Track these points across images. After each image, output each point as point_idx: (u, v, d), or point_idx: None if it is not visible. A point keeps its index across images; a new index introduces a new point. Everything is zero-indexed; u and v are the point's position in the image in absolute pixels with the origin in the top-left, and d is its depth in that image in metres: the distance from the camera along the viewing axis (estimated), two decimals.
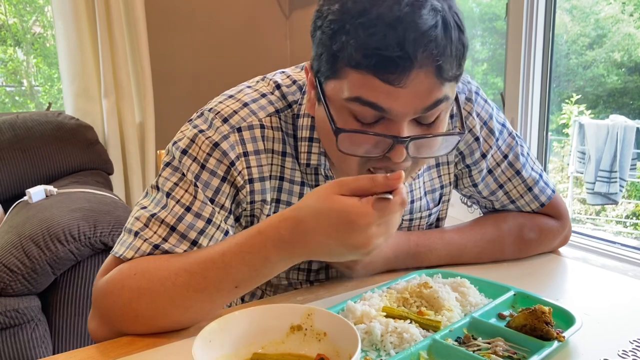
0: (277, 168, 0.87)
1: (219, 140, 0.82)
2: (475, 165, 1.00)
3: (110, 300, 0.76)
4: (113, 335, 0.75)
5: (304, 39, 3.10)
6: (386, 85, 0.68)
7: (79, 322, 1.68)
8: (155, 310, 0.73)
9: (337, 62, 0.70)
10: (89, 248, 1.62)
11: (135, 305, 0.73)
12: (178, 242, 0.78)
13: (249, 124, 0.84)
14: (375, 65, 0.67)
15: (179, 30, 2.87)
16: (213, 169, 0.81)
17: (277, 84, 0.90)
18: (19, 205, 1.93)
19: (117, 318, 0.75)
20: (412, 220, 1.01)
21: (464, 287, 0.81)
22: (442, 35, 0.67)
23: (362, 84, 0.69)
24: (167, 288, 0.72)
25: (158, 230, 0.78)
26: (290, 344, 0.61)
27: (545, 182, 1.04)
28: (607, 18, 3.16)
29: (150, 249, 0.78)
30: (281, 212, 0.70)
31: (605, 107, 3.25)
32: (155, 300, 0.73)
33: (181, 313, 0.74)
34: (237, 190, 0.84)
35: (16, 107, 2.85)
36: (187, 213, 0.79)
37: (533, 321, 0.69)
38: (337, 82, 0.72)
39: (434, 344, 0.67)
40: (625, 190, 3.21)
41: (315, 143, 0.86)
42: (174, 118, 2.07)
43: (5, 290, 1.54)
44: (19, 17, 2.74)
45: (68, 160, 2.25)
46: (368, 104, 0.70)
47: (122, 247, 0.80)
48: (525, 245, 1.02)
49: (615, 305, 0.84)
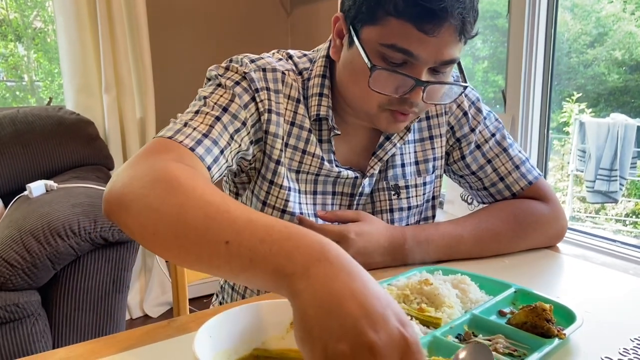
0: (290, 113, 0.97)
1: (248, 71, 0.93)
2: (465, 138, 1.08)
3: (150, 161, 0.72)
4: (112, 199, 0.69)
5: (305, 35, 3.09)
6: (420, 34, 0.81)
7: (79, 317, 1.69)
8: (160, 204, 0.64)
9: (378, 9, 0.82)
10: (89, 243, 1.62)
11: (157, 187, 0.66)
12: (222, 130, 0.87)
13: (272, 67, 0.96)
14: (417, 14, 0.79)
15: (180, 25, 2.86)
16: (246, 87, 0.92)
17: (289, 55, 1.03)
18: (19, 200, 1.93)
19: (132, 188, 0.68)
20: (409, 188, 1.06)
21: (464, 284, 0.81)
22: (465, 2, 0.81)
23: (398, 31, 0.82)
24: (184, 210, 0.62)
25: (204, 120, 0.86)
26: (291, 339, 0.60)
27: (532, 166, 1.10)
28: (608, 16, 3.15)
29: (201, 136, 0.83)
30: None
31: (606, 105, 3.25)
32: (169, 202, 0.64)
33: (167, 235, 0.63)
34: (259, 115, 0.93)
35: (17, 102, 2.85)
36: (225, 113, 0.89)
37: (534, 318, 0.68)
38: (374, 28, 0.84)
39: (435, 340, 0.67)
40: (625, 188, 3.21)
41: (324, 98, 0.96)
42: (175, 113, 2.06)
43: (6, 285, 1.54)
44: (20, 12, 2.74)
45: (68, 155, 2.25)
46: (401, 51, 0.83)
47: (171, 131, 0.82)
48: (520, 229, 1.03)
49: (616, 303, 0.84)
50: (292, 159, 0.97)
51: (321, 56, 0.99)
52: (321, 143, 0.98)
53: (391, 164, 1.04)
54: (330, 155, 0.99)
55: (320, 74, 0.97)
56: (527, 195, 1.08)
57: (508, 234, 1.02)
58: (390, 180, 1.04)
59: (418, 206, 1.08)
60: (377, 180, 1.04)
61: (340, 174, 0.99)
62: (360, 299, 0.45)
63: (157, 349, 0.69)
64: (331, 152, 0.99)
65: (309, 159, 0.98)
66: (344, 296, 0.46)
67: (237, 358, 0.58)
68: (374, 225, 0.95)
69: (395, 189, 1.05)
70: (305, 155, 0.97)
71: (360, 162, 1.03)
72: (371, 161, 1.01)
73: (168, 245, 0.63)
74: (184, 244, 0.61)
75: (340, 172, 0.99)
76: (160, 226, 0.63)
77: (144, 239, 0.66)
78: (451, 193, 2.18)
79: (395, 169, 1.04)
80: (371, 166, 1.01)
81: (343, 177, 1.00)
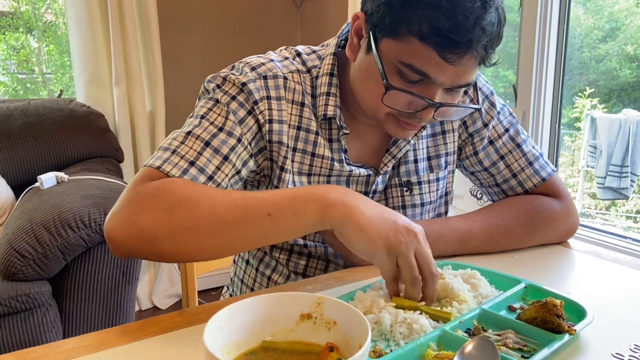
0: (295, 118, 0.95)
1: (247, 81, 0.90)
2: (478, 134, 1.06)
3: (154, 202, 0.77)
4: (132, 238, 0.76)
5: (314, 29, 3.08)
6: (441, 61, 0.79)
7: (89, 308, 1.70)
8: (192, 222, 0.76)
9: (401, 26, 0.80)
10: (100, 235, 1.64)
11: (177, 210, 0.76)
12: (211, 156, 0.85)
13: (274, 74, 0.93)
14: (441, 43, 0.77)
15: (190, 19, 2.86)
16: (242, 102, 0.90)
17: (297, 52, 1.00)
18: (30, 191, 1.95)
19: (151, 220, 0.76)
20: (421, 184, 1.05)
21: (474, 279, 0.80)
22: (496, 31, 0.80)
23: (419, 53, 0.80)
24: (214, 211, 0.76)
25: (194, 145, 0.85)
26: (299, 332, 0.61)
27: (546, 161, 1.08)
28: (621, 11, 3.12)
29: (187, 165, 0.83)
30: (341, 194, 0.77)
31: (618, 101, 3.22)
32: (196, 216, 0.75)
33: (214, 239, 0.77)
34: (259, 127, 0.91)
35: (28, 94, 2.87)
36: (220, 132, 0.87)
37: (544, 314, 0.68)
38: (395, 43, 0.82)
39: (444, 335, 0.67)
40: (636, 185, 3.18)
41: (332, 97, 0.94)
42: (184, 107, 2.07)
43: (17, 275, 1.55)
44: (32, 4, 2.75)
45: (79, 148, 2.27)
46: (418, 72, 0.81)
47: (159, 160, 0.82)
48: (531, 226, 1.02)
49: (627, 299, 0.83)
50: (302, 163, 0.96)
51: (329, 53, 0.97)
52: (331, 142, 0.97)
53: (404, 160, 1.03)
54: (340, 155, 0.97)
55: (328, 72, 0.95)
56: (540, 191, 1.07)
57: (519, 230, 1.01)
58: (402, 176, 1.03)
59: (432, 202, 1.07)
60: (390, 177, 1.03)
61: (352, 173, 0.98)
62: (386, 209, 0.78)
63: (167, 339, 0.70)
64: (342, 152, 0.97)
65: (319, 161, 0.96)
66: (382, 209, 0.77)
67: (247, 349, 0.58)
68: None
69: (408, 185, 1.03)
70: (314, 158, 0.96)
71: (373, 159, 1.02)
72: (384, 158, 1.00)
73: (217, 249, 0.78)
74: (232, 237, 0.76)
75: (352, 170, 0.98)
76: (204, 240, 0.76)
77: (190, 257, 0.81)
78: (460, 188, 2.17)
79: (408, 165, 1.03)
80: (384, 163, 1.00)
81: (355, 175, 0.99)
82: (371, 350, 0.63)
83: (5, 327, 1.56)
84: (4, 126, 2.15)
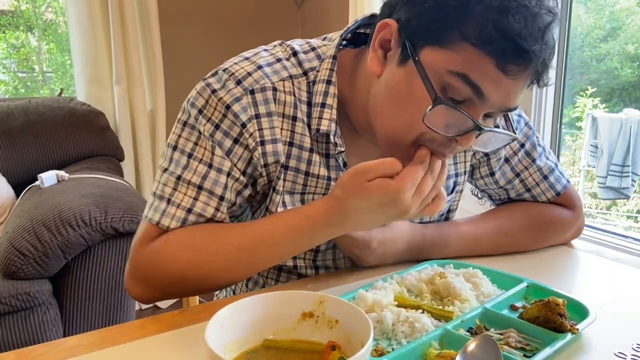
0: (287, 133, 0.85)
1: (231, 102, 0.81)
2: (495, 154, 0.99)
3: (159, 271, 0.79)
4: (159, 298, 0.82)
5: (315, 28, 3.08)
6: (498, 73, 0.68)
7: (90, 306, 1.70)
8: (205, 279, 0.80)
9: (451, 31, 0.68)
10: (100, 233, 1.63)
11: (187, 275, 0.79)
12: (208, 199, 0.82)
13: (261, 86, 0.83)
14: (504, 51, 0.66)
15: (190, 17, 2.86)
16: (227, 130, 0.82)
17: (294, 50, 0.89)
18: (30, 189, 1.94)
19: (166, 285, 0.81)
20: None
21: (476, 278, 0.80)
22: (554, 46, 0.71)
23: (475, 62, 0.68)
24: (218, 261, 0.79)
25: (187, 192, 0.82)
26: (301, 330, 0.60)
27: (561, 172, 1.04)
28: (621, 10, 3.11)
29: (185, 214, 0.81)
30: (325, 198, 0.77)
31: (619, 100, 3.22)
32: (206, 272, 0.80)
33: (229, 279, 0.82)
34: (250, 153, 0.83)
35: (28, 92, 2.86)
36: (210, 170, 0.82)
37: (547, 313, 0.68)
38: (442, 52, 0.70)
39: (446, 334, 0.66)
40: (637, 184, 3.18)
41: (327, 109, 0.84)
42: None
43: (17, 274, 1.55)
44: (32, 3, 2.75)
45: (79, 146, 2.26)
46: (471, 85, 0.69)
47: (157, 213, 0.82)
48: (540, 236, 1.01)
49: (629, 298, 0.83)
50: (295, 182, 0.87)
51: (329, 55, 0.86)
52: (328, 158, 0.87)
53: None
54: (338, 173, 0.88)
55: (324, 79, 0.84)
56: (553, 203, 1.04)
57: (527, 240, 1.00)
58: None
59: (432, 221, 1.01)
60: None
61: None
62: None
63: (168, 338, 0.70)
64: (339, 169, 0.88)
65: (314, 181, 0.87)
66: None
67: (249, 348, 0.58)
68: (396, 228, 0.91)
69: None
70: (309, 177, 0.87)
71: None
72: None
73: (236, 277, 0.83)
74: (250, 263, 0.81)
75: None
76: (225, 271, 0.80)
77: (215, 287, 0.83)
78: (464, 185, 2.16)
79: None
80: None
81: None
82: (373, 349, 0.63)
83: (5, 326, 1.56)
84: (5, 125, 2.15)
